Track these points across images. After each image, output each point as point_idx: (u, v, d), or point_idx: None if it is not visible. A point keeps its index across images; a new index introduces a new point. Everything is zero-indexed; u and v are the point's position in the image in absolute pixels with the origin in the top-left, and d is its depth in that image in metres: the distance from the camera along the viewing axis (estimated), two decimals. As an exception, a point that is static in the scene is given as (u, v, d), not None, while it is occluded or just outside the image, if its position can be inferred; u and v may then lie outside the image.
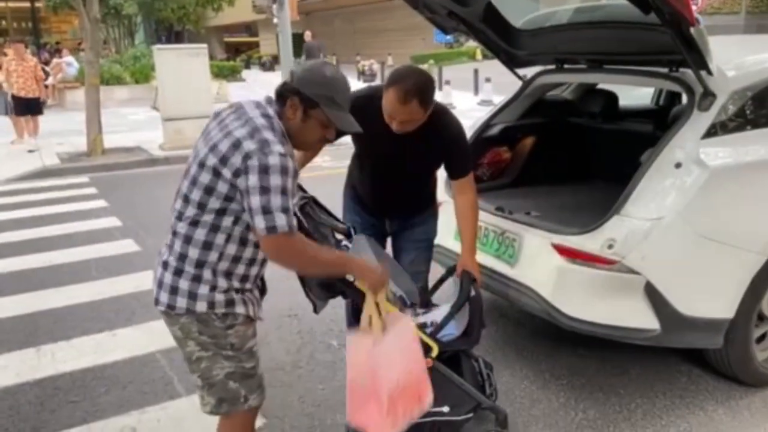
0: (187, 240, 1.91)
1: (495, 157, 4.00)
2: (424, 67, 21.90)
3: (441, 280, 2.85)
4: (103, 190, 7.80)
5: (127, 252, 5.32)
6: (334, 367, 3.24)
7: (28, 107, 10.40)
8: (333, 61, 29.07)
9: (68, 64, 16.94)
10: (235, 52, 44.70)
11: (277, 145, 1.81)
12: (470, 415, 2.38)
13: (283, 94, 1.95)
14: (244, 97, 2.33)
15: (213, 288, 1.92)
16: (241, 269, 1.97)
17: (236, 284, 1.97)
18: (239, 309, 1.97)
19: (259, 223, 1.79)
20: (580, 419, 2.80)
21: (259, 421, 2.77)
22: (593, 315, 2.74)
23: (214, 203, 1.86)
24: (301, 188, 2.42)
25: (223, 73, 22.91)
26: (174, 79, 9.78)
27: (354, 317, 2.76)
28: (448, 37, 31.57)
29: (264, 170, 1.77)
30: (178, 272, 1.93)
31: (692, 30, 2.46)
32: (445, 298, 2.76)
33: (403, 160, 2.62)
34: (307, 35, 19.16)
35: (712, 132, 2.80)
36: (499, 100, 4.07)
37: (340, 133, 2.13)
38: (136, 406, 2.96)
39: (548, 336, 3.48)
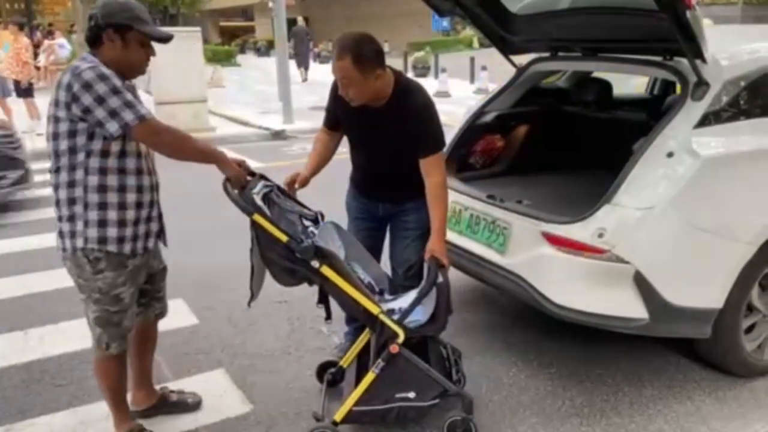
0: (56, 187, 2.16)
1: (488, 145, 3.98)
2: (420, 54, 21.88)
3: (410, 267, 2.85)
4: (94, 173, 7.73)
5: (117, 236, 5.28)
6: (323, 354, 3.23)
7: (16, 89, 10.26)
8: (329, 47, 28.90)
9: (60, 45, 16.70)
10: (231, 36, 44.40)
11: (84, 64, 2.04)
12: (436, 400, 2.42)
13: (95, 34, 2.13)
14: (238, 82, 2.39)
15: (86, 223, 2.13)
16: (113, 197, 2.15)
17: (114, 215, 2.15)
18: (111, 247, 2.16)
19: (112, 127, 2.03)
20: (568, 407, 2.81)
21: (246, 407, 2.78)
22: (582, 304, 2.73)
23: (63, 144, 2.09)
24: (264, 177, 2.47)
25: (218, 58, 22.74)
26: (167, 63, 9.65)
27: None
28: (445, 24, 31.55)
29: (86, 86, 2.00)
30: (60, 218, 2.18)
31: (688, 14, 2.44)
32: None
33: (379, 140, 2.65)
34: (300, 20, 19.02)
35: (704, 121, 2.78)
36: (494, 88, 4.05)
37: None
38: (123, 390, 2.94)
39: (537, 325, 3.48)
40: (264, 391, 2.93)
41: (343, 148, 2.87)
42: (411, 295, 2.49)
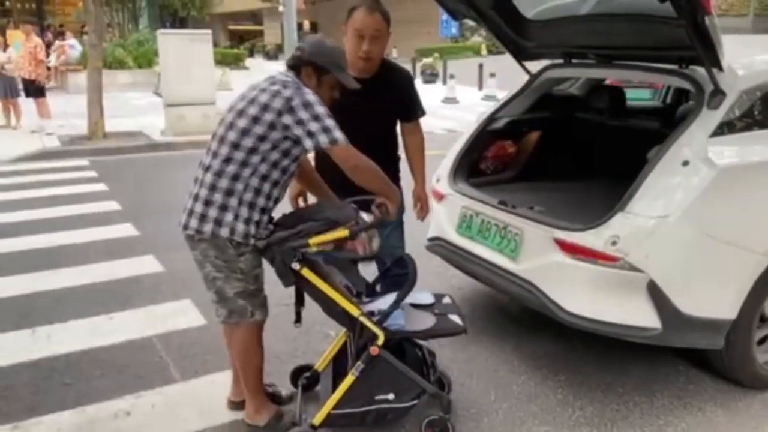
0: (219, 173, 2.30)
1: (499, 151, 3.97)
2: (429, 60, 21.91)
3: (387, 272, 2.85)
4: (103, 173, 7.77)
5: (125, 236, 5.29)
6: (331, 357, 3.21)
7: (25, 89, 10.31)
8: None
9: (71, 46, 16.83)
10: (239, 40, 44.61)
11: (306, 88, 2.30)
12: (415, 401, 2.44)
13: (297, 65, 2.38)
14: (246, 85, 2.45)
15: (236, 217, 2.30)
16: (261, 201, 2.35)
17: (256, 216, 2.34)
18: (252, 240, 2.35)
19: (323, 139, 2.23)
20: (578, 416, 2.78)
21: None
22: (594, 312, 2.71)
23: (247, 142, 2.27)
24: None
25: (227, 61, 22.80)
26: (177, 65, 9.71)
27: None
28: (454, 31, 31.59)
29: (307, 105, 2.24)
30: (208, 202, 2.31)
31: (707, 20, 2.42)
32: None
33: (369, 114, 2.76)
34: (306, 25, 19.06)
35: (720, 131, 2.77)
36: (503, 95, 4.04)
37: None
38: (131, 390, 2.93)
39: (548, 332, 3.45)
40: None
41: None
42: (390, 298, 2.49)
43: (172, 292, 4.04)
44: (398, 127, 3.03)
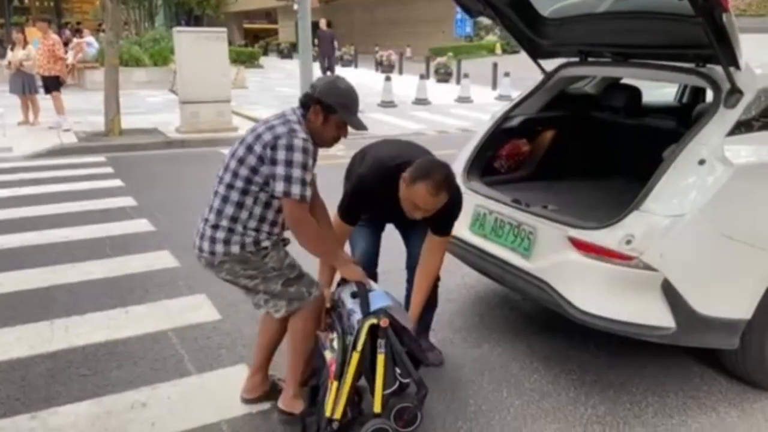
0: (224, 199, 2.41)
1: (513, 150, 3.97)
2: (443, 59, 21.87)
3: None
4: (119, 169, 7.85)
5: (141, 231, 5.35)
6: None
7: (44, 86, 10.43)
8: (351, 50, 28.99)
9: (89, 44, 17.02)
10: (254, 38, 44.76)
11: (302, 133, 2.34)
12: (395, 387, 2.50)
13: (306, 102, 2.44)
14: (261, 83, 2.51)
15: (243, 236, 2.40)
16: (266, 227, 2.43)
17: (263, 235, 2.43)
18: (265, 243, 2.43)
19: (279, 187, 2.29)
20: (590, 415, 2.78)
21: (267, 403, 2.77)
22: (608, 311, 2.70)
23: (244, 171, 2.36)
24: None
25: (241, 59, 22.89)
26: (192, 63, 9.77)
27: None
28: (468, 30, 31.47)
29: (289, 148, 2.28)
30: (215, 226, 2.41)
31: (724, 17, 2.41)
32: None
33: (401, 220, 2.78)
34: (322, 23, 19.11)
35: (737, 130, 2.75)
36: (517, 95, 4.03)
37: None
38: (147, 382, 2.97)
39: (560, 330, 3.45)
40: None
41: (353, 151, 2.88)
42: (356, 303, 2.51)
43: (187, 287, 4.08)
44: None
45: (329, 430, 2.43)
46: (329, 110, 2.40)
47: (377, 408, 2.43)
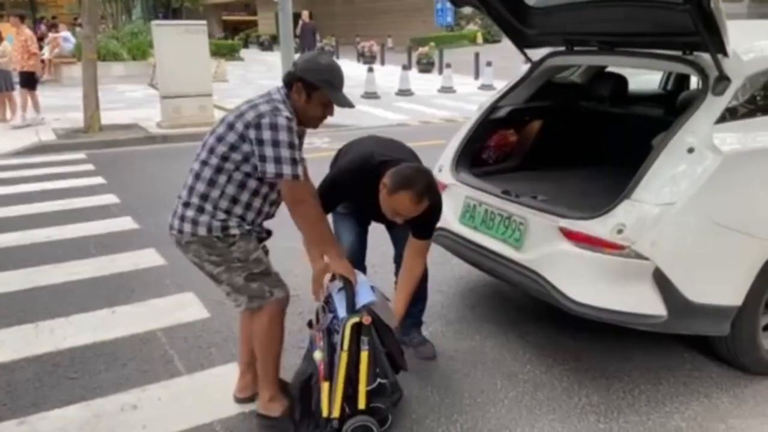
0: (197, 176, 2.35)
1: (501, 140, 3.96)
2: (425, 50, 21.80)
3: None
4: (100, 166, 7.72)
5: (125, 229, 5.27)
6: (336, 348, 3.20)
7: (21, 82, 10.22)
8: (332, 42, 28.78)
9: (65, 38, 16.68)
10: (233, 30, 44.22)
11: (285, 112, 2.27)
12: (374, 384, 2.45)
13: (289, 81, 2.37)
14: (242, 76, 2.46)
15: (212, 216, 2.33)
16: (238, 210, 2.37)
17: (233, 221, 2.36)
18: (233, 231, 2.35)
19: (269, 168, 2.24)
20: (584, 404, 2.78)
21: (253, 405, 2.74)
22: (600, 300, 2.71)
23: (221, 149, 2.30)
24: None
25: (222, 52, 22.59)
26: (172, 57, 9.63)
27: None
28: (449, 20, 31.38)
29: (273, 127, 2.22)
30: (186, 204, 2.36)
31: (711, 3, 2.40)
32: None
33: (382, 218, 2.80)
34: (305, 15, 18.95)
35: (725, 117, 2.75)
36: (500, 84, 4.02)
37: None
38: (136, 383, 2.93)
39: (552, 321, 3.46)
40: (277, 386, 2.90)
41: (338, 143, 2.85)
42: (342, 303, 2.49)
43: (174, 286, 4.02)
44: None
45: (330, 429, 2.40)
46: (311, 87, 2.32)
47: (361, 404, 2.41)
